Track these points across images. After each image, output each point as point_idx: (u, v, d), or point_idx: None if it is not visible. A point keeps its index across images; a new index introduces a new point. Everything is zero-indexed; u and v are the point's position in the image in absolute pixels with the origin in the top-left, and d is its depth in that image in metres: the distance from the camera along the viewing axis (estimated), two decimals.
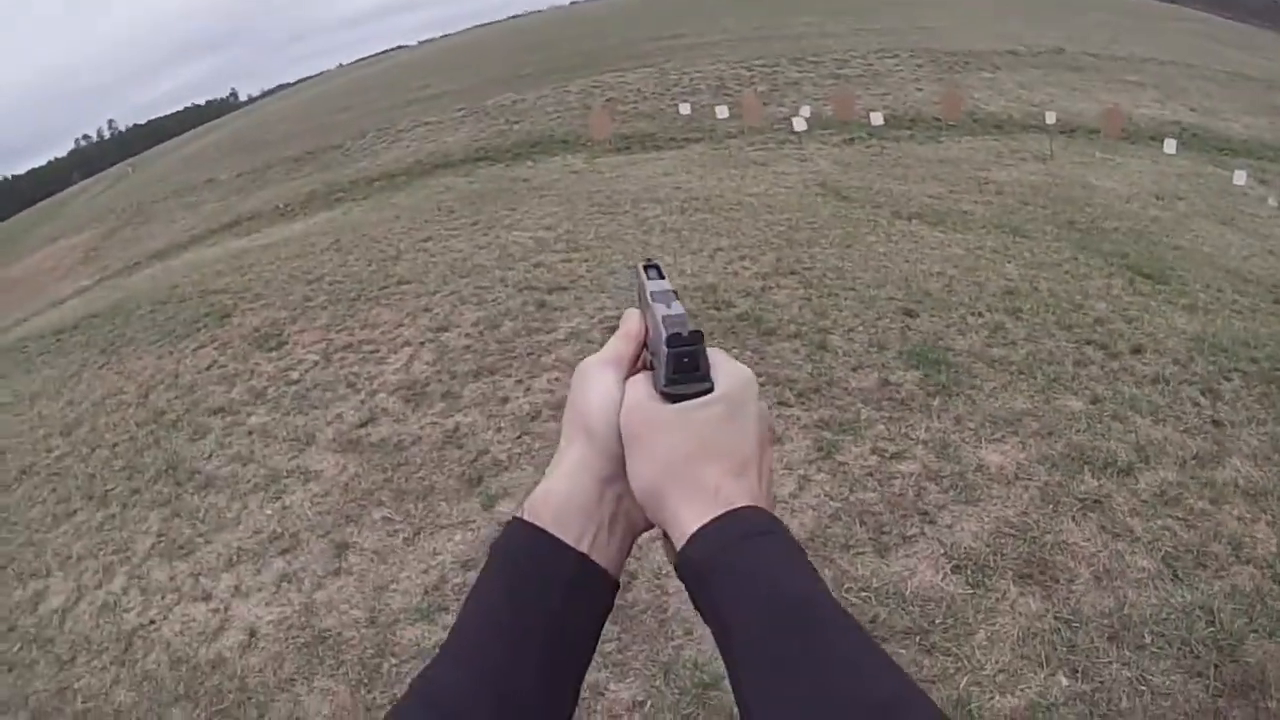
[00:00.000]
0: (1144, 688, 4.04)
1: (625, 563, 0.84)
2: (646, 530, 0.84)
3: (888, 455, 5.52)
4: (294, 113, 50.01)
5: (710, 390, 0.78)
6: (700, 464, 0.75)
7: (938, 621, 4.29)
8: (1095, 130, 17.83)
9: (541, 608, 0.76)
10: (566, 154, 16.02)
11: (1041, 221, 11.18)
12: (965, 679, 4.00)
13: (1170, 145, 16.52)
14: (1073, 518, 5.12)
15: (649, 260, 0.92)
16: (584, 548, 0.79)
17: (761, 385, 3.00)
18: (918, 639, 4.20)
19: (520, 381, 6.65)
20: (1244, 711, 4.00)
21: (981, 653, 4.14)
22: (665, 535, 0.77)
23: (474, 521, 5.27)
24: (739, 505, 0.72)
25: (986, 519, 5.01)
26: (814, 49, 26.68)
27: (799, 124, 16.25)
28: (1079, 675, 4.06)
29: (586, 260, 8.81)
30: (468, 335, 7.59)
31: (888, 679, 0.63)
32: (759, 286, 7.87)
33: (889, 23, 34.61)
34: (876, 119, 16.37)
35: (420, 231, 11.28)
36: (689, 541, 0.71)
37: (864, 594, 4.45)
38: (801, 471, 5.29)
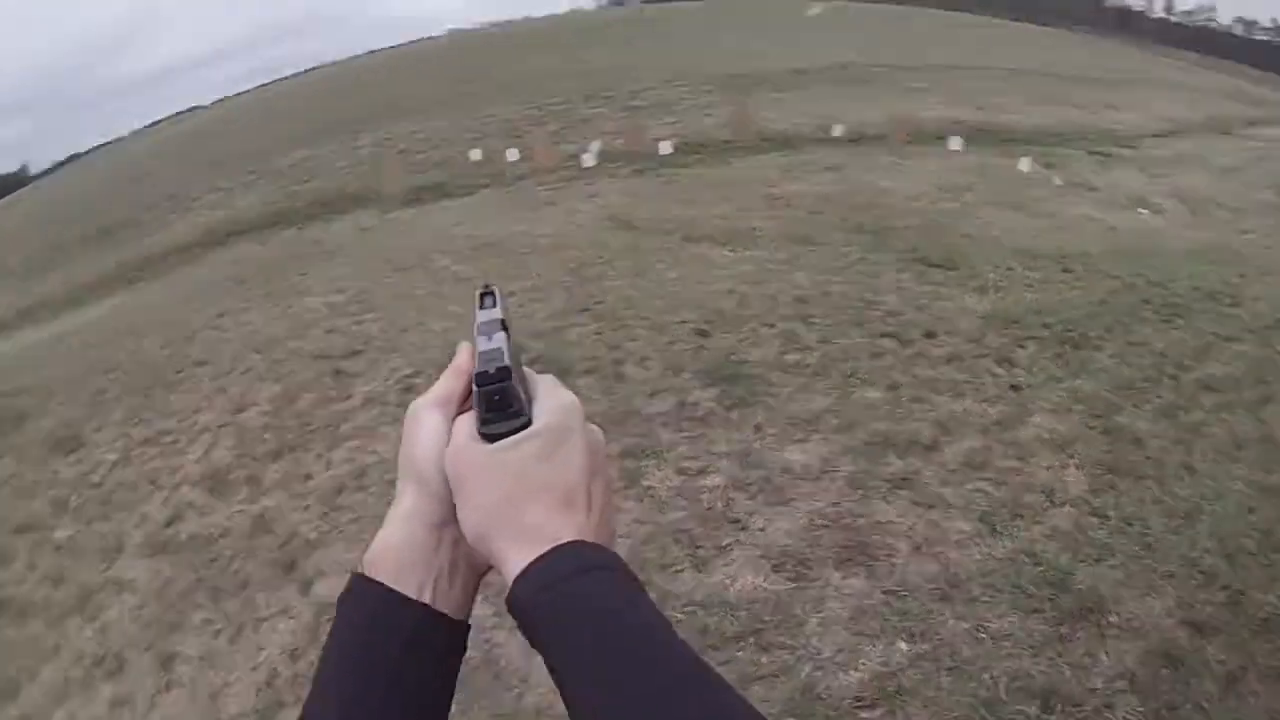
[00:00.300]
0: (983, 634, 4.31)
1: (474, 603, 0.82)
2: (489, 571, 0.81)
3: (692, 473, 5.64)
4: (87, 186, 47.96)
5: (528, 424, 0.76)
6: (520, 503, 0.73)
7: (767, 619, 4.43)
8: (883, 137, 18.40)
9: (387, 664, 0.74)
10: (359, 210, 15.76)
11: (831, 229, 11.48)
12: (807, 667, 4.14)
13: (955, 142, 17.30)
14: (883, 498, 5.42)
15: (486, 286, 0.89)
16: (425, 597, 0.77)
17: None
18: (751, 640, 4.33)
19: (320, 455, 6.48)
20: (1087, 631, 4.37)
21: (817, 639, 4.30)
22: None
23: (294, 608, 5.10)
24: (563, 541, 0.70)
25: (799, 515, 5.20)
26: (608, 84, 26.92)
27: (588, 160, 16.35)
28: (916, 638, 4.29)
29: (379, 321, 8.67)
30: (265, 413, 7.37)
31: (713, 708, 0.62)
32: (551, 327, 7.89)
33: (678, 52, 35.25)
34: (666, 148, 16.58)
35: (214, 306, 10.94)
36: (514, 583, 0.70)
37: (689, 608, 4.53)
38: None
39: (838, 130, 17.27)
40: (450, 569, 0.79)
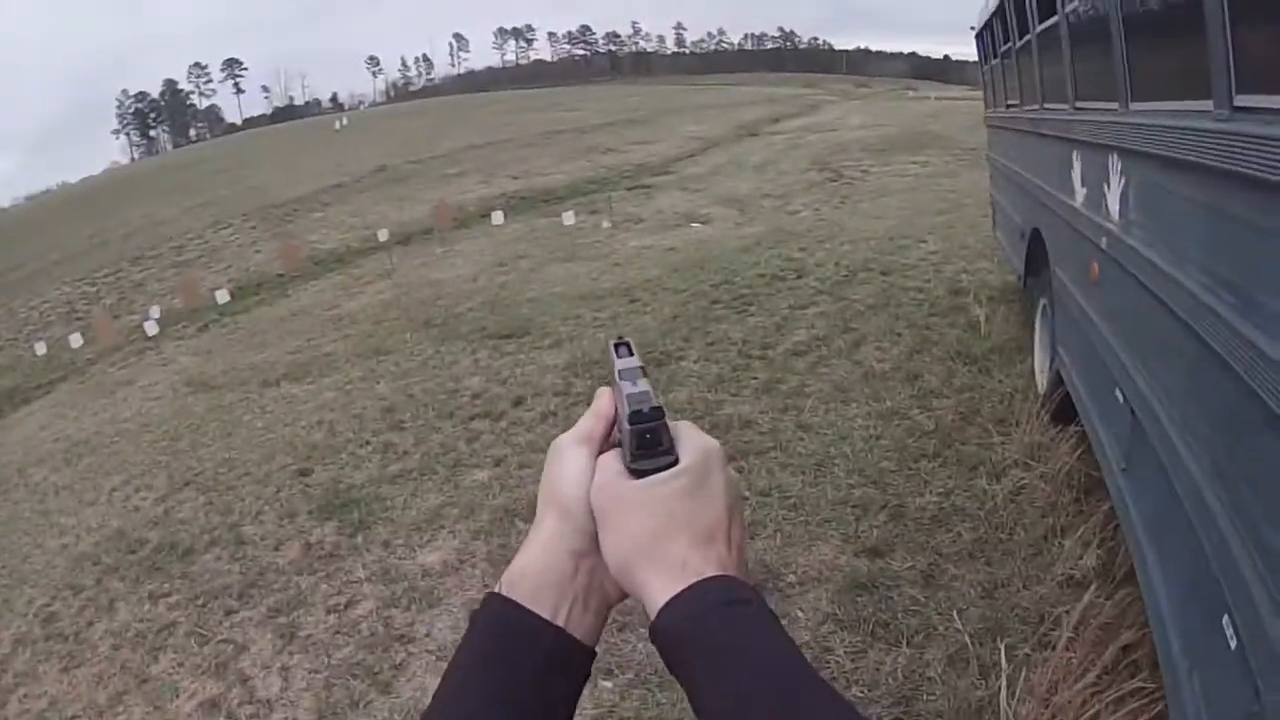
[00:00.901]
0: None
1: (602, 631, 0.82)
2: (621, 601, 0.82)
3: (342, 608, 5.47)
4: None
5: (674, 464, 0.77)
6: (667, 538, 0.73)
7: None
8: (429, 230, 18.63)
9: (519, 682, 0.74)
10: None
11: (400, 332, 11.63)
12: None
13: (498, 216, 17.82)
14: None
15: (619, 338, 0.90)
16: (560, 621, 0.77)
17: (200, 605, 3.25)
18: None
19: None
20: (771, 597, 4.59)
21: None
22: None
23: None
24: (707, 575, 0.71)
25: (455, 609, 5.17)
26: (150, 241, 25.57)
27: (151, 328, 15.60)
28: (615, 672, 4.34)
29: (0, 556, 8.00)
30: None
31: None
32: (161, 511, 7.53)
33: (218, 192, 33.89)
34: (223, 296, 16.08)
35: None
36: (659, 614, 0.70)
37: None
38: (279, 664, 5.08)
39: (383, 234, 17.32)
40: (585, 596, 0.80)
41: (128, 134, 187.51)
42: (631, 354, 0.88)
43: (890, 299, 9.20)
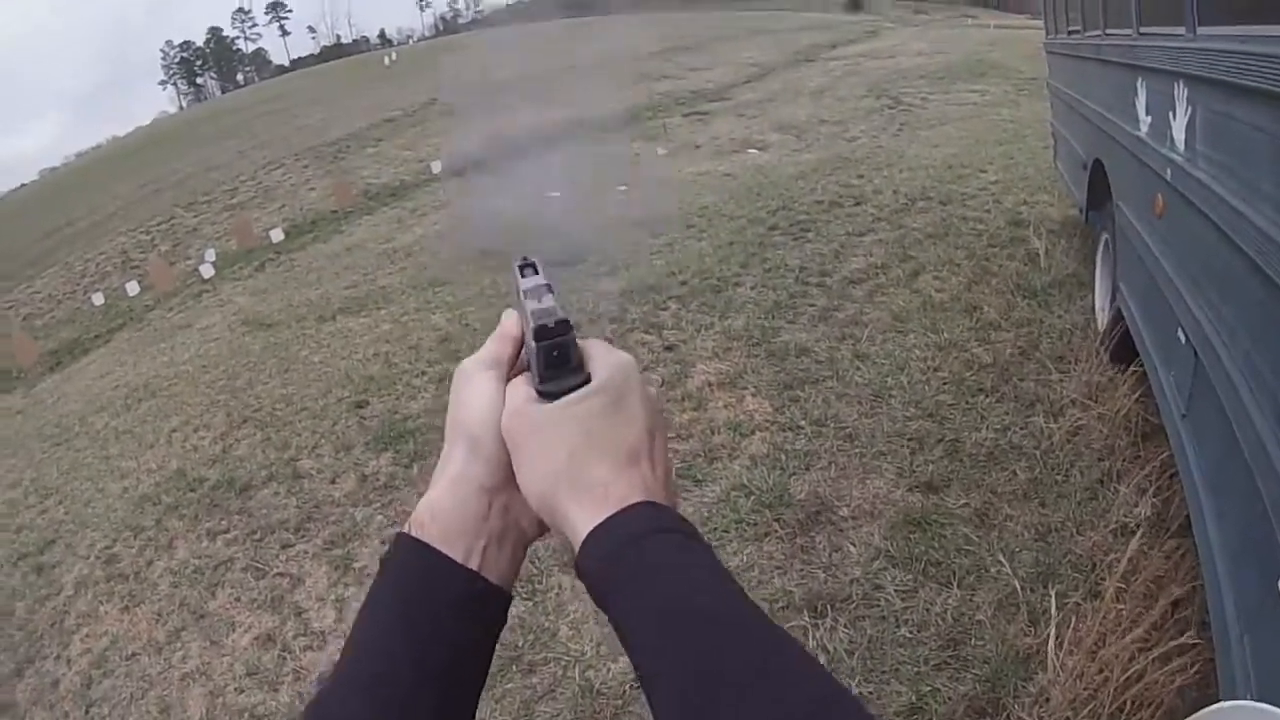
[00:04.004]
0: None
1: (518, 573, 0.79)
2: (539, 537, 0.80)
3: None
4: None
5: (587, 382, 0.74)
6: (585, 462, 0.70)
7: (521, 644, 4.29)
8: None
9: (435, 628, 0.71)
10: (3, 395, 14.47)
11: (455, 263, 11.58)
12: (577, 670, 4.06)
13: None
14: None
15: (524, 258, 0.88)
16: (473, 564, 0.74)
17: (257, 539, 3.26)
18: (515, 668, 4.21)
19: (59, 657, 5.99)
20: (824, 533, 4.61)
21: (574, 642, 4.28)
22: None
23: None
24: (631, 502, 0.68)
25: None
26: (204, 186, 25.80)
27: (206, 271, 15.88)
28: None
29: (63, 502, 8.06)
30: None
31: (805, 685, 0.57)
32: (220, 450, 7.69)
33: (269, 134, 34.08)
34: (277, 235, 16.30)
35: None
36: (581, 548, 0.67)
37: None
38: (333, 596, 5.19)
39: (437, 167, 17.34)
40: (500, 536, 0.76)
41: (175, 84, 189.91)
42: (538, 273, 0.85)
43: (949, 228, 9.03)
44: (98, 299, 16.91)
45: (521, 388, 0.76)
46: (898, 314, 7.09)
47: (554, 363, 0.74)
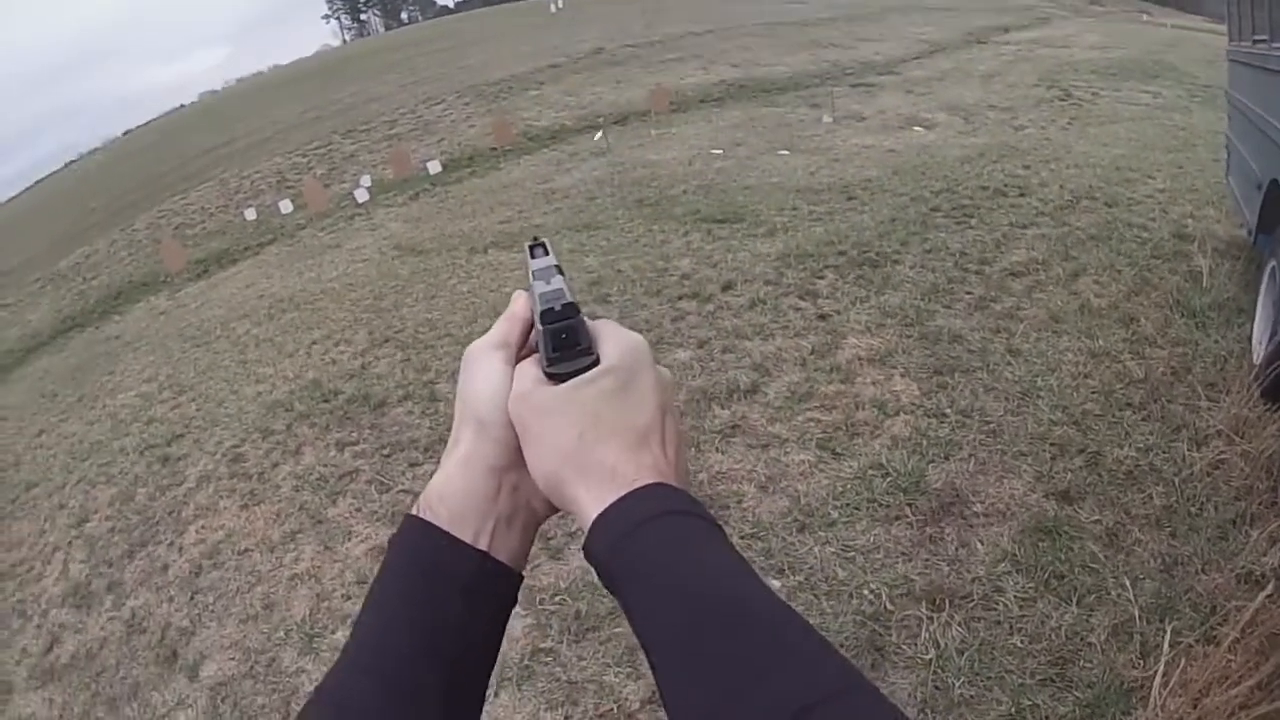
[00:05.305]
0: (851, 553, 4.41)
1: (529, 553, 0.79)
2: (550, 517, 0.79)
3: None
4: None
5: (595, 364, 0.73)
6: (594, 444, 0.69)
7: None
8: (645, 113, 18.56)
9: (443, 611, 0.70)
10: (150, 296, 14.98)
11: (611, 210, 11.65)
12: None
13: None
14: (717, 449, 5.48)
15: (535, 239, 0.87)
16: (483, 545, 0.73)
17: (385, 455, 3.07)
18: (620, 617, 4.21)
19: (172, 544, 6.14)
20: (954, 525, 4.54)
21: None
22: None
23: (188, 697, 4.75)
24: (641, 484, 0.67)
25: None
26: (364, 116, 26.25)
27: (361, 195, 16.05)
28: (786, 572, 4.36)
29: (195, 400, 8.34)
30: (108, 518, 6.89)
31: (818, 670, 0.55)
32: (359, 365, 7.77)
33: (431, 71, 34.60)
34: (434, 167, 16.36)
35: (31, 426, 10.30)
36: (590, 530, 0.66)
37: (558, 598, 4.49)
38: None
39: (600, 115, 17.37)
40: (509, 516, 0.76)
41: (338, 18, 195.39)
42: (548, 254, 0.85)
43: (1113, 232, 8.56)
44: (250, 214, 17.27)
45: (530, 370, 0.76)
46: (1054, 313, 6.83)
47: (562, 345, 0.74)
